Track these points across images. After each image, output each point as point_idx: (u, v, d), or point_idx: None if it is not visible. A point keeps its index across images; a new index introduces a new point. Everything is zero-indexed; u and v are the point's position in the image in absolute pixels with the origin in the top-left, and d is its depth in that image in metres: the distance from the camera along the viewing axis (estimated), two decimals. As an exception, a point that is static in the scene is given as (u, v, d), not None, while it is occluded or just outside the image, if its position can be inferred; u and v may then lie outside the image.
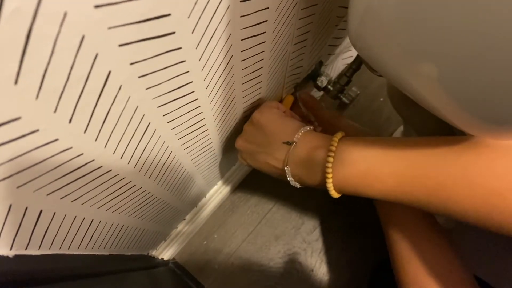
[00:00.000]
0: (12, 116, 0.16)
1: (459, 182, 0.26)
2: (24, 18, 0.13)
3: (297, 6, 0.33)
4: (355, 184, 0.32)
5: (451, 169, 0.27)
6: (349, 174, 0.32)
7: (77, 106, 0.19)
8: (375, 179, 0.31)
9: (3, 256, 0.22)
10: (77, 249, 0.32)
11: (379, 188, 0.31)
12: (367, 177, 0.31)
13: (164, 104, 0.27)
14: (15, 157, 0.18)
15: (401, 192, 0.30)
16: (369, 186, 0.32)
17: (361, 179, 0.32)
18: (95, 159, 0.24)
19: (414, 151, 0.30)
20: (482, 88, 0.22)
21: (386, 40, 0.26)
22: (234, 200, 0.73)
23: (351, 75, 0.49)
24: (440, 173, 0.27)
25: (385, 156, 0.31)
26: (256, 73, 0.36)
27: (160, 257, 0.65)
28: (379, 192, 0.31)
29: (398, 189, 0.30)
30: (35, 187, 0.21)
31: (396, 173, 0.30)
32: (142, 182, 0.34)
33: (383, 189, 0.31)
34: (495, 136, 0.25)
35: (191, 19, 0.21)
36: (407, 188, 0.29)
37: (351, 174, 0.32)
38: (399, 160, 0.30)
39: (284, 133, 0.39)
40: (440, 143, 0.29)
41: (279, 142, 0.38)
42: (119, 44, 0.18)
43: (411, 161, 0.29)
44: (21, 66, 0.14)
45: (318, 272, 0.67)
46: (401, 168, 0.30)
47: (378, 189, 0.31)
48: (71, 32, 0.15)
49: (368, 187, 0.32)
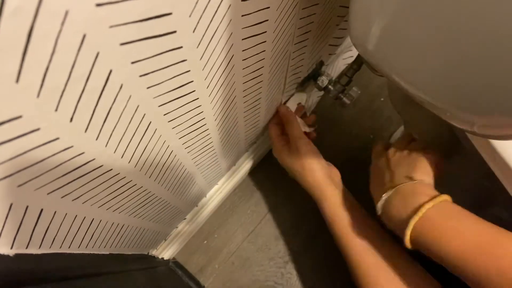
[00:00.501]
0: (13, 114, 0.16)
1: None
2: (25, 16, 0.13)
3: (298, 6, 0.33)
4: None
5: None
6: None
7: (78, 105, 0.19)
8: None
9: (4, 255, 0.22)
10: (78, 248, 0.32)
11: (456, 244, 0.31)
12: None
13: (165, 103, 0.27)
14: (16, 156, 0.18)
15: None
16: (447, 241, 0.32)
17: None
18: (95, 158, 0.24)
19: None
20: (479, 86, 0.22)
21: (387, 40, 0.26)
22: (234, 200, 0.73)
23: (351, 75, 0.49)
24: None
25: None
26: (256, 73, 0.36)
27: (160, 256, 0.65)
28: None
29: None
30: (36, 186, 0.21)
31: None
32: (142, 181, 0.34)
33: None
34: (495, 133, 0.25)
35: (192, 18, 0.21)
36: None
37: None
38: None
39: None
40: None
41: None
42: (120, 43, 0.18)
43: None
44: (23, 65, 0.14)
45: (318, 272, 0.67)
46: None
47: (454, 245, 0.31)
48: (73, 31, 0.15)
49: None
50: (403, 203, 0.36)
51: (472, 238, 0.30)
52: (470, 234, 0.31)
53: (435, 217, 0.33)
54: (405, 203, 0.36)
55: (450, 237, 0.31)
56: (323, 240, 0.69)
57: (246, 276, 0.68)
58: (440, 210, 0.33)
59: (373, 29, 0.26)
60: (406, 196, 0.36)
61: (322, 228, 0.69)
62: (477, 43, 0.20)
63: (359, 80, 0.78)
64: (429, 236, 0.33)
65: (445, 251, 0.31)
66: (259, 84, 0.40)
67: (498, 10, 0.18)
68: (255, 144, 0.69)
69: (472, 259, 0.29)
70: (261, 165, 0.74)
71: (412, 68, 0.26)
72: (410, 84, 0.28)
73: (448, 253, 0.31)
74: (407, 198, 0.36)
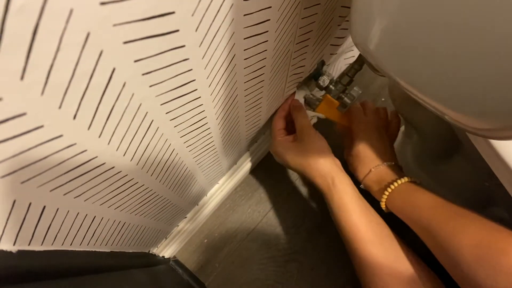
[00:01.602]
0: (18, 111, 0.16)
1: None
2: (31, 14, 0.13)
3: (299, 6, 0.33)
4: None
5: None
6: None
7: (82, 103, 0.19)
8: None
9: (7, 251, 0.22)
10: (79, 245, 0.32)
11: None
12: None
13: (167, 101, 0.27)
14: (19, 152, 0.18)
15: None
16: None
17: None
18: (98, 155, 0.24)
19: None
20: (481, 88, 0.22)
21: (388, 40, 0.26)
22: (235, 199, 0.73)
23: (353, 75, 0.49)
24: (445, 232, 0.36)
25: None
26: (258, 72, 0.37)
27: (161, 255, 0.65)
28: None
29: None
30: (39, 183, 0.21)
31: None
32: (144, 180, 0.34)
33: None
34: (495, 134, 0.25)
35: (195, 17, 0.21)
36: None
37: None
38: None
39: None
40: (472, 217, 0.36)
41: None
42: (124, 41, 0.18)
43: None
44: (27, 62, 0.14)
45: (318, 271, 0.67)
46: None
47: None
48: (77, 29, 0.15)
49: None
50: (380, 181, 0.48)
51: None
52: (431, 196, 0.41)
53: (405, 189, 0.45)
54: (382, 181, 0.47)
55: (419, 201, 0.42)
56: (324, 239, 0.69)
57: (246, 275, 0.68)
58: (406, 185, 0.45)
59: (374, 29, 0.26)
60: (379, 176, 0.48)
61: (323, 227, 0.70)
62: (480, 44, 0.20)
63: (360, 80, 0.79)
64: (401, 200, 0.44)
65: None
66: (260, 83, 0.40)
67: (503, 11, 0.18)
68: (256, 143, 0.70)
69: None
70: (262, 165, 0.75)
71: (412, 68, 0.26)
72: (411, 84, 0.28)
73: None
74: (380, 177, 0.48)
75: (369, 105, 0.56)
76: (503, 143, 0.30)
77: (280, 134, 0.56)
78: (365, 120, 0.53)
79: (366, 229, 0.45)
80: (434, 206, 0.40)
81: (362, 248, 0.44)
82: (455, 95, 0.24)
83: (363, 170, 0.50)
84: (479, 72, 0.21)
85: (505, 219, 0.45)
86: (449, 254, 0.35)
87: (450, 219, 0.37)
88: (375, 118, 0.54)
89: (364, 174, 0.50)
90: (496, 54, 0.19)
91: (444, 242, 0.36)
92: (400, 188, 0.45)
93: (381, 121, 0.55)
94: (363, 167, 0.50)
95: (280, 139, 0.55)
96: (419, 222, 0.41)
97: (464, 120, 0.26)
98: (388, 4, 0.24)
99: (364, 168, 0.50)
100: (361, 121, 0.53)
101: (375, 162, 0.49)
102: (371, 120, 0.53)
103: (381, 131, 0.53)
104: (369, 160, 0.50)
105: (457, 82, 0.23)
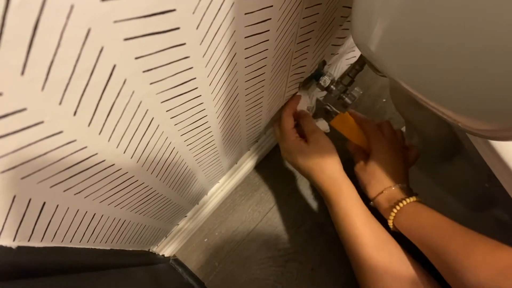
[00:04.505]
0: (18, 107, 0.16)
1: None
2: (31, 10, 0.13)
3: (301, 5, 0.33)
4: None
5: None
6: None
7: (82, 99, 0.19)
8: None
9: (7, 247, 0.22)
10: (79, 242, 0.32)
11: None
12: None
13: (168, 99, 0.27)
14: (20, 148, 0.18)
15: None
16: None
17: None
18: (98, 152, 0.24)
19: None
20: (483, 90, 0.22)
21: (389, 41, 0.26)
22: (235, 199, 0.73)
23: (354, 75, 0.49)
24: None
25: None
26: (259, 71, 0.37)
27: (161, 253, 0.65)
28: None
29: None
30: (39, 179, 0.21)
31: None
32: (144, 177, 0.34)
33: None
34: (496, 134, 0.25)
35: (196, 15, 0.21)
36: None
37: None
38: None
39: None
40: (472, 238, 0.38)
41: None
42: (124, 38, 0.18)
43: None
44: (28, 58, 0.14)
45: (318, 271, 0.67)
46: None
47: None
48: (78, 25, 0.15)
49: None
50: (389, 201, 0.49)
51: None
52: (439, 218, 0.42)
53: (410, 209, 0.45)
54: (392, 199, 0.48)
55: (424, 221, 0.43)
56: (324, 239, 0.69)
57: (246, 274, 0.68)
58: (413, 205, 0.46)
59: (375, 30, 0.26)
60: (391, 196, 0.49)
61: (323, 227, 0.70)
62: (483, 44, 0.20)
63: (361, 81, 0.79)
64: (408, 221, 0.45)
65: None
66: (261, 83, 0.40)
67: (506, 13, 0.18)
68: (256, 143, 0.70)
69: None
70: (262, 164, 0.75)
71: (414, 69, 0.26)
72: (412, 85, 0.28)
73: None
74: (391, 197, 0.49)
75: (387, 126, 0.55)
76: (504, 145, 0.30)
77: (294, 133, 0.55)
78: (384, 139, 0.53)
79: (371, 235, 0.46)
80: (439, 226, 0.41)
81: (366, 252, 0.45)
82: (455, 95, 0.24)
83: (376, 188, 0.50)
84: (480, 73, 0.21)
85: (505, 220, 0.45)
86: (457, 276, 0.36)
87: (454, 239, 0.38)
88: (393, 139, 0.54)
89: (377, 192, 0.49)
90: (498, 55, 0.19)
91: (449, 262, 0.37)
92: (407, 207, 0.45)
93: (398, 143, 0.54)
94: (376, 184, 0.50)
95: (294, 139, 0.55)
96: (426, 242, 0.41)
97: (464, 120, 0.26)
98: (389, 5, 0.24)
99: (378, 186, 0.50)
100: (381, 140, 0.53)
101: (389, 183, 0.49)
102: (390, 141, 0.53)
103: (399, 153, 0.52)
104: (385, 180, 0.49)
105: (458, 83, 0.23)
